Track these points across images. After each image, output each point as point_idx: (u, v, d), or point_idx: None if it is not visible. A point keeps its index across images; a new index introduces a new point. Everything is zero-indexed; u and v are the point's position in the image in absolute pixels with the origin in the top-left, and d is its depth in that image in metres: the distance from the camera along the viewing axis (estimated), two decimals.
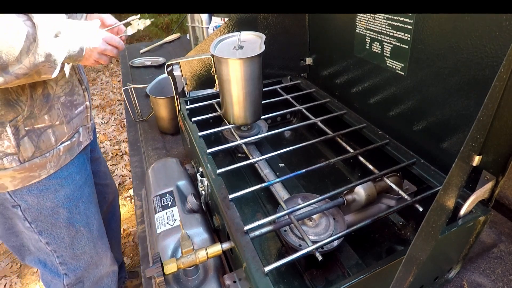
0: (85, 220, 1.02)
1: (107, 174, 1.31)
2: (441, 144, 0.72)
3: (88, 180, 1.04)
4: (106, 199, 1.31)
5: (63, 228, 0.97)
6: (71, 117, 0.90)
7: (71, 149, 0.93)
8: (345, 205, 0.68)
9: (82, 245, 1.03)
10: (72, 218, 0.98)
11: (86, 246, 1.05)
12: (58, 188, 0.92)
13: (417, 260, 0.38)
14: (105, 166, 1.30)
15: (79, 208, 1.00)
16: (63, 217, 0.96)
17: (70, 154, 0.93)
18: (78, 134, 0.95)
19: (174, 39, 2.45)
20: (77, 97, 0.93)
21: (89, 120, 1.01)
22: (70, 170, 0.95)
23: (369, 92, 0.90)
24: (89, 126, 1.01)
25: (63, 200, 0.94)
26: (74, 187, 0.97)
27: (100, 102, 3.76)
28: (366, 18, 0.82)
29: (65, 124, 0.89)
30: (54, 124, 0.86)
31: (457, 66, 0.63)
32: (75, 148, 0.95)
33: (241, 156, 1.05)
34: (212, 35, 1.05)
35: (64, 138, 0.90)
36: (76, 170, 0.97)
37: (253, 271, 0.52)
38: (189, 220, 0.73)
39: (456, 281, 0.69)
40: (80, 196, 0.99)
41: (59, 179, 0.92)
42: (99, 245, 1.09)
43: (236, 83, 0.80)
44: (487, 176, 0.54)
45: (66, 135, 0.90)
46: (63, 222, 0.96)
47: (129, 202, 2.33)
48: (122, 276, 1.52)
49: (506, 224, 0.80)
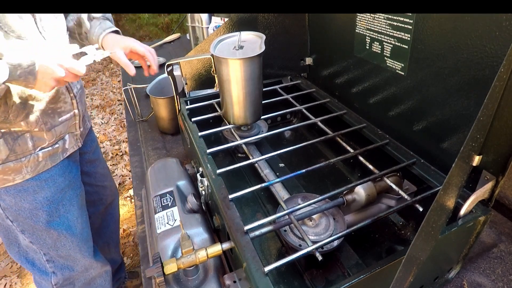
0: (66, 223, 0.99)
1: (105, 176, 1.28)
2: (441, 144, 0.72)
3: (72, 183, 1.01)
4: (103, 201, 1.29)
5: (44, 230, 0.95)
6: (52, 125, 0.88)
7: (53, 155, 0.91)
8: (345, 205, 0.68)
9: (67, 249, 1.01)
10: (52, 221, 0.95)
11: (70, 250, 1.02)
12: (37, 190, 0.90)
13: (417, 260, 0.38)
14: (103, 168, 1.27)
15: (59, 211, 0.97)
16: (42, 220, 0.94)
17: (52, 161, 0.91)
18: (62, 141, 0.93)
19: (174, 39, 2.45)
20: (63, 104, 0.90)
21: (78, 127, 0.99)
22: (52, 172, 0.92)
23: (369, 92, 0.90)
24: (78, 134, 0.99)
25: (43, 203, 0.92)
26: (55, 189, 0.94)
27: (100, 102, 3.76)
28: (366, 18, 0.82)
29: (45, 131, 0.86)
30: (32, 130, 0.84)
31: (457, 66, 0.63)
32: (58, 155, 0.93)
33: (241, 156, 1.04)
34: (212, 35, 1.05)
35: (44, 144, 0.88)
36: (59, 172, 0.94)
37: (253, 271, 0.52)
38: (189, 220, 0.73)
39: (456, 281, 0.69)
40: (61, 199, 0.97)
41: (39, 181, 0.90)
42: (84, 249, 1.06)
43: (236, 83, 0.80)
44: (487, 176, 0.54)
45: (47, 141, 0.88)
46: (43, 225, 0.94)
47: (129, 202, 2.33)
48: (122, 276, 1.52)
49: (506, 224, 0.80)
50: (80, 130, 1.00)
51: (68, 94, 0.92)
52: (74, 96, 0.95)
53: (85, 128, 1.06)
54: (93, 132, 1.19)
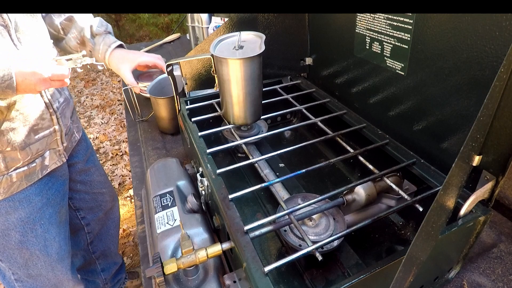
0: (42, 243, 0.95)
1: (103, 183, 1.24)
2: (441, 144, 0.72)
3: (52, 200, 0.96)
4: (102, 207, 1.27)
5: (15, 249, 0.91)
6: (27, 143, 0.83)
7: (29, 175, 0.87)
8: (345, 205, 0.68)
9: (38, 268, 0.97)
10: (26, 241, 0.92)
11: (42, 269, 0.98)
12: (10, 211, 0.86)
13: (417, 260, 0.38)
14: (100, 175, 1.23)
15: (36, 231, 0.93)
16: (15, 239, 0.90)
17: (28, 180, 0.87)
18: (41, 159, 0.89)
19: (174, 39, 2.45)
20: (40, 121, 0.86)
21: (61, 143, 0.94)
22: (28, 192, 0.88)
23: (369, 92, 0.90)
24: (60, 149, 0.95)
25: (16, 223, 0.88)
26: (31, 209, 0.90)
27: (100, 102, 3.76)
28: (366, 18, 0.82)
29: (18, 150, 0.82)
30: (4, 150, 0.80)
31: (457, 66, 0.63)
32: (36, 173, 0.88)
33: (241, 156, 1.04)
34: (212, 35, 1.05)
35: (18, 164, 0.83)
36: (36, 191, 0.90)
37: (253, 271, 0.52)
38: (189, 220, 0.73)
39: (456, 281, 0.69)
40: (39, 219, 0.92)
41: (12, 202, 0.86)
42: (58, 268, 1.02)
43: (236, 83, 0.80)
44: (487, 176, 0.54)
45: (21, 161, 0.83)
46: (15, 245, 0.90)
47: (129, 202, 2.33)
48: (122, 277, 1.52)
49: (506, 224, 0.80)
50: (63, 145, 0.96)
51: (47, 109, 0.87)
52: (54, 112, 0.89)
53: (71, 141, 1.02)
54: (86, 141, 1.16)
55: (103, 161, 2.77)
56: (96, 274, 1.38)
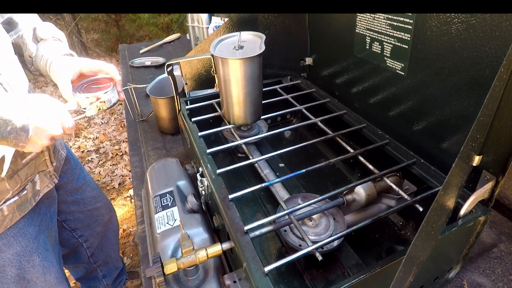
0: (40, 271, 0.89)
1: (96, 197, 1.16)
2: (441, 144, 0.72)
3: (44, 225, 0.89)
4: (99, 221, 1.20)
5: (12, 283, 0.85)
6: (14, 170, 0.75)
7: (21, 204, 0.78)
8: (345, 205, 0.68)
9: None
10: (23, 273, 0.85)
11: None
12: (4, 248, 0.79)
13: (417, 260, 0.38)
14: (93, 190, 1.15)
15: (34, 261, 0.86)
16: (11, 274, 0.83)
17: (21, 211, 0.78)
18: (31, 184, 0.80)
19: (174, 39, 2.45)
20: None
21: (50, 163, 0.86)
22: (21, 224, 0.80)
23: (369, 92, 0.90)
24: (51, 170, 0.87)
25: (11, 259, 0.81)
26: (26, 242, 0.83)
27: None
28: (366, 18, 0.82)
29: (6, 180, 0.73)
30: None
31: (457, 66, 0.63)
32: (28, 201, 0.80)
33: (241, 156, 1.04)
34: (212, 35, 1.05)
35: (8, 195, 0.74)
36: (29, 221, 0.82)
37: (253, 271, 0.52)
38: (189, 220, 0.73)
39: (456, 281, 0.69)
40: (35, 249, 0.86)
41: (6, 239, 0.79)
42: None
43: (236, 83, 0.80)
44: (487, 176, 0.54)
45: (10, 191, 0.75)
46: (12, 279, 0.84)
47: (129, 202, 2.33)
48: (123, 279, 1.51)
49: (506, 224, 0.80)
50: (53, 166, 0.88)
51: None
52: None
53: (59, 160, 0.95)
54: (72, 158, 1.08)
55: (103, 161, 2.78)
56: (98, 281, 1.36)
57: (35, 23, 0.84)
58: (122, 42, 4.37)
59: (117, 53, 4.85)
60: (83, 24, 5.10)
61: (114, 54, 5.08)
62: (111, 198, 2.38)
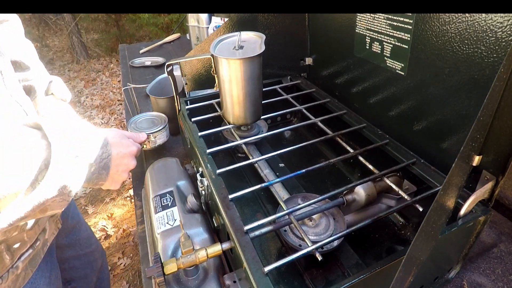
0: None
1: (90, 238, 1.07)
2: (441, 144, 0.72)
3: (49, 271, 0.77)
4: (93, 268, 1.09)
5: None
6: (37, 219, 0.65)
7: (33, 258, 0.67)
8: (345, 205, 0.68)
9: None
10: None
11: None
12: None
13: (417, 260, 0.38)
14: (86, 229, 1.05)
15: None
16: None
17: (32, 266, 0.68)
18: (43, 234, 0.70)
19: (174, 39, 2.45)
20: None
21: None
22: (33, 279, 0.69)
23: (369, 92, 0.90)
24: (59, 213, 0.77)
25: None
26: None
27: (100, 102, 3.76)
28: (366, 18, 0.82)
29: (26, 231, 0.62)
30: (10, 237, 0.59)
31: (457, 66, 0.63)
32: (39, 254, 0.70)
33: (241, 156, 1.04)
34: (212, 35, 1.05)
35: (24, 249, 0.64)
36: (39, 274, 0.71)
37: (253, 271, 0.52)
38: (189, 220, 0.73)
39: (456, 281, 0.69)
40: None
41: None
42: None
43: (236, 83, 0.80)
44: (487, 176, 0.55)
45: (28, 244, 0.64)
46: None
47: (129, 202, 2.33)
48: None
49: (506, 224, 0.80)
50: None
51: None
52: None
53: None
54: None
55: None
56: None
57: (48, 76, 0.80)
58: (122, 42, 4.37)
59: (117, 53, 4.85)
60: (83, 24, 5.11)
61: (114, 54, 5.08)
62: (111, 198, 2.38)
